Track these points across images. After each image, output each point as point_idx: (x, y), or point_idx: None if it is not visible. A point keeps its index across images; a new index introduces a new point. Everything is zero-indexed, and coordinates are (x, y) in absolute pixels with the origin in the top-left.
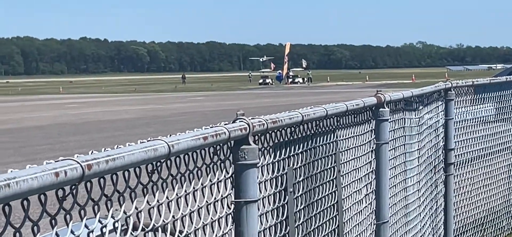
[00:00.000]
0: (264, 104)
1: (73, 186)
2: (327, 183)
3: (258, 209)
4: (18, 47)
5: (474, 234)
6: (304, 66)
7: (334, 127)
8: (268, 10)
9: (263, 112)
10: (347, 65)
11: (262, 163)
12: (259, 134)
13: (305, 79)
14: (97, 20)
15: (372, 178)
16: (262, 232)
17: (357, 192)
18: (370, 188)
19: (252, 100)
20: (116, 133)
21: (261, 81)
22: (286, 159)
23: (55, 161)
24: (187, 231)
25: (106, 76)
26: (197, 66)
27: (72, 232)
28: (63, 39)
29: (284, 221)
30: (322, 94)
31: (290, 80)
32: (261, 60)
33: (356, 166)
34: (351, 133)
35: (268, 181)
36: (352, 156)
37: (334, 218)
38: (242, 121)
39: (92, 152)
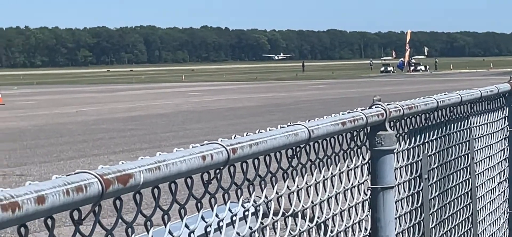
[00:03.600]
0: (387, 92)
1: (218, 170)
2: (461, 170)
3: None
4: (141, 36)
5: None
6: (426, 53)
7: (467, 113)
8: None
9: (386, 101)
10: (470, 52)
11: (397, 150)
12: (394, 120)
13: (427, 67)
14: (218, 9)
15: (505, 166)
16: (397, 218)
17: (490, 180)
18: (503, 176)
19: (374, 88)
20: (239, 120)
21: (382, 69)
22: (421, 145)
23: (201, 145)
24: (325, 217)
25: (227, 64)
26: (318, 54)
27: (216, 215)
28: (185, 27)
29: (418, 208)
30: (445, 82)
31: (412, 68)
32: (275, 57)
33: (489, 153)
34: (484, 120)
35: (403, 167)
36: (485, 143)
37: (468, 206)
38: (378, 106)
39: (235, 136)
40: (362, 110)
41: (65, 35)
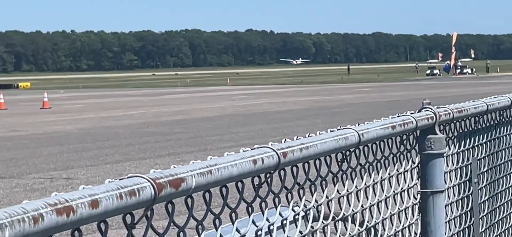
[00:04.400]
0: (433, 95)
1: (268, 174)
2: (511, 174)
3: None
4: (186, 40)
5: None
6: (472, 56)
7: None
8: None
9: (433, 104)
10: None
11: (447, 153)
12: (444, 124)
13: (473, 70)
14: (263, 12)
15: None
16: (447, 223)
17: None
18: None
19: (420, 91)
20: (284, 124)
21: (428, 71)
22: (470, 149)
23: (252, 149)
24: (375, 221)
25: (272, 67)
26: (363, 57)
27: (267, 219)
28: (230, 31)
29: (468, 212)
30: (492, 85)
31: (458, 70)
32: (294, 61)
33: None
34: None
35: (453, 171)
36: None
37: None
38: (428, 110)
39: (285, 140)
40: (411, 113)
41: (111, 39)
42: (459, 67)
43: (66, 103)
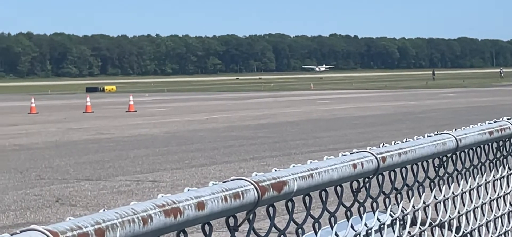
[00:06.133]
0: None
1: (366, 179)
2: None
3: None
4: (270, 44)
5: None
6: None
7: None
8: None
9: None
10: None
11: None
12: None
13: None
14: (347, 17)
15: None
16: None
17: None
18: None
19: (506, 97)
20: (368, 129)
21: None
22: None
23: (351, 153)
24: (471, 227)
25: (356, 72)
26: (448, 62)
27: (365, 224)
28: (313, 35)
29: None
30: None
31: None
32: (317, 68)
33: None
34: None
35: None
36: None
37: None
38: None
39: (383, 144)
40: (508, 119)
41: (195, 43)
42: None
43: (151, 107)
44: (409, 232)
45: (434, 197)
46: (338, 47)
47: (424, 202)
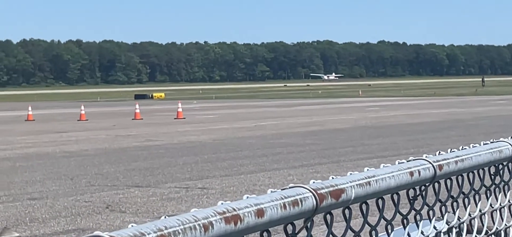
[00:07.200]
0: None
1: (423, 186)
2: None
3: None
4: (317, 51)
5: None
6: None
7: None
8: None
9: None
10: None
11: None
12: None
13: None
14: (395, 24)
15: None
16: None
17: None
18: None
19: None
20: (418, 136)
21: None
22: None
23: (407, 161)
24: None
25: (405, 79)
26: (497, 69)
27: (422, 232)
28: (361, 42)
29: None
30: None
31: None
32: (325, 77)
33: None
34: None
35: None
36: None
37: None
38: None
39: (439, 152)
40: None
41: (243, 50)
42: None
43: (200, 114)
44: None
45: (490, 205)
46: (387, 54)
47: (480, 210)
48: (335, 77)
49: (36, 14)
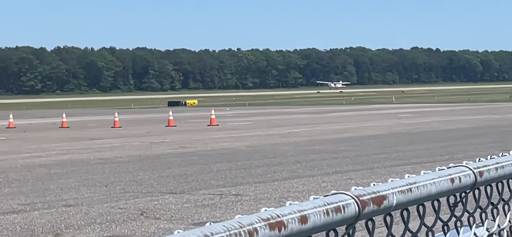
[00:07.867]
0: None
1: (463, 193)
2: None
3: None
4: (350, 58)
5: None
6: None
7: None
8: None
9: None
10: None
11: None
12: None
13: None
14: (429, 30)
15: None
16: None
17: None
18: None
19: None
20: (452, 143)
21: None
22: None
23: (448, 168)
24: None
25: (438, 86)
26: None
27: None
28: (394, 49)
29: None
30: None
31: None
32: (332, 84)
33: None
34: None
35: None
36: None
37: None
38: None
39: (479, 159)
40: None
41: (276, 57)
42: None
43: (233, 120)
44: None
45: None
46: (420, 60)
47: None
48: (343, 84)
49: (70, 22)
